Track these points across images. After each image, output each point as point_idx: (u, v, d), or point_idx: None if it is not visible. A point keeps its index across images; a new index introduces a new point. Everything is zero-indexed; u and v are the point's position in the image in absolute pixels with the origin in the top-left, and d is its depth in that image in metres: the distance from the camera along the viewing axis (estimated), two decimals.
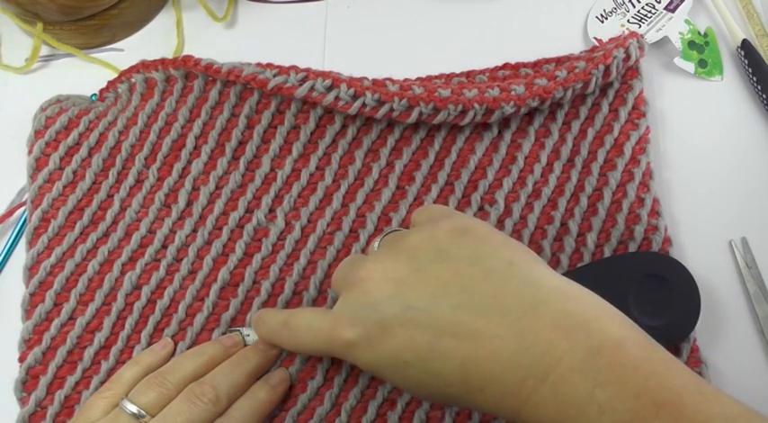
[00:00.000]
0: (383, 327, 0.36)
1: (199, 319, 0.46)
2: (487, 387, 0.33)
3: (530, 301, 0.34)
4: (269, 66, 0.48)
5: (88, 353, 0.45)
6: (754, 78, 0.51)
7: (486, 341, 0.33)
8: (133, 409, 0.40)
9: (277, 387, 0.44)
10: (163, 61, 0.51)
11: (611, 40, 0.52)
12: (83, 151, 0.50)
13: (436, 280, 0.36)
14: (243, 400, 0.42)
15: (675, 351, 0.43)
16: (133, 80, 0.52)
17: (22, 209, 0.50)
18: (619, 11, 0.54)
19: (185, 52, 0.55)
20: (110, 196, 0.49)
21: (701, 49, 0.53)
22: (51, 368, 0.45)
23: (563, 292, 0.35)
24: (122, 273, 0.47)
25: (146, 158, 0.49)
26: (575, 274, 0.45)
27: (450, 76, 0.52)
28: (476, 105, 0.46)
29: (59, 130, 0.50)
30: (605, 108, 0.49)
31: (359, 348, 0.37)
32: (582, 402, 0.31)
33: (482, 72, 0.52)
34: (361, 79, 0.48)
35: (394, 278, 0.37)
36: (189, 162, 0.49)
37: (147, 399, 0.40)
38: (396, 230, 0.42)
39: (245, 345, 0.45)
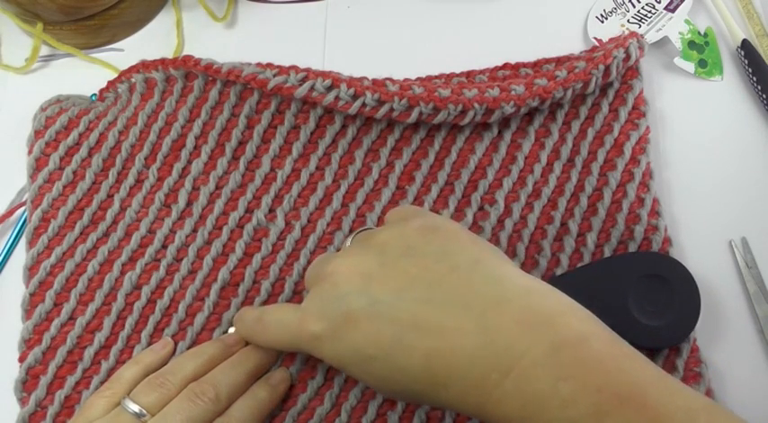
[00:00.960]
0: (348, 320, 0.36)
1: (199, 319, 0.46)
2: (451, 382, 0.34)
3: (494, 297, 0.34)
4: (269, 66, 0.48)
5: (88, 353, 0.45)
6: (754, 78, 0.51)
7: (449, 335, 0.34)
8: (135, 408, 0.40)
9: (277, 387, 0.44)
10: (163, 61, 0.51)
11: (611, 40, 0.52)
12: (83, 151, 0.50)
13: (403, 274, 0.36)
14: (243, 400, 0.42)
15: (676, 351, 0.44)
16: (133, 80, 0.52)
17: (22, 209, 0.50)
18: (619, 11, 0.54)
19: (185, 52, 0.55)
20: (110, 196, 0.49)
21: (701, 49, 0.53)
22: (51, 368, 0.45)
23: (526, 289, 0.35)
24: (122, 273, 0.47)
25: (146, 158, 0.49)
26: (575, 274, 0.45)
27: (450, 76, 0.52)
28: (476, 105, 0.46)
29: (59, 130, 0.50)
30: (605, 108, 0.49)
31: (324, 341, 0.37)
32: (545, 396, 0.31)
33: (482, 72, 0.52)
34: (361, 79, 0.49)
35: (362, 272, 0.37)
36: (189, 162, 0.49)
37: (148, 399, 0.40)
38: (368, 229, 0.43)
39: (246, 344, 0.45)
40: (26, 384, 0.45)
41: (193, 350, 0.44)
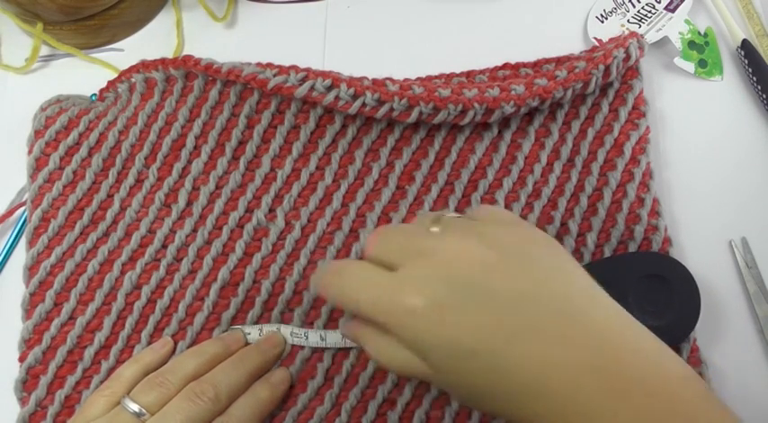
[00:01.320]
0: (458, 304, 0.33)
1: (199, 319, 0.46)
2: (560, 399, 0.31)
3: (616, 325, 0.33)
4: (269, 65, 0.48)
5: (88, 352, 0.45)
6: (754, 78, 0.51)
7: (571, 349, 0.31)
8: (134, 407, 0.40)
9: (278, 386, 0.44)
10: (163, 61, 0.51)
11: (611, 40, 0.52)
12: (83, 151, 0.50)
13: (527, 276, 0.34)
14: (243, 399, 0.42)
15: (676, 351, 0.44)
16: (133, 80, 0.52)
17: (22, 209, 0.50)
18: (619, 11, 0.54)
19: (185, 52, 0.55)
20: (110, 196, 0.49)
21: (701, 49, 0.53)
22: (51, 368, 0.45)
23: (644, 330, 0.33)
24: (122, 272, 0.47)
25: (146, 158, 0.49)
26: None
27: (450, 76, 0.52)
28: (476, 105, 0.46)
29: (59, 130, 0.50)
30: (605, 108, 0.49)
31: (419, 319, 0.33)
32: None
33: (482, 72, 0.52)
34: (361, 79, 0.48)
35: (481, 261, 0.34)
36: (189, 162, 0.49)
37: (147, 398, 0.40)
38: (451, 214, 0.39)
39: (247, 343, 0.45)
40: (26, 384, 0.45)
41: (193, 349, 0.44)
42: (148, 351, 0.45)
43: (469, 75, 0.52)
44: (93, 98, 0.53)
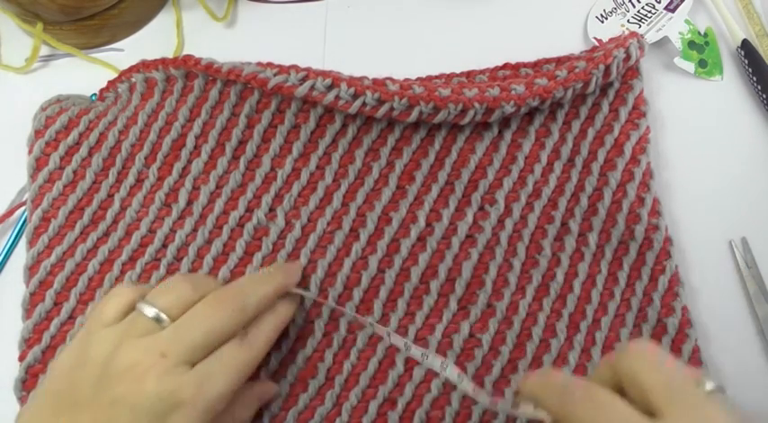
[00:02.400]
0: None
1: None
2: None
3: None
4: (269, 65, 0.48)
5: None
6: (754, 78, 0.51)
7: None
8: (151, 312, 0.38)
9: (292, 307, 0.43)
10: (163, 61, 0.51)
11: (611, 40, 0.52)
12: (83, 151, 0.50)
13: None
14: (266, 317, 0.41)
15: (677, 352, 0.44)
16: (133, 80, 0.52)
17: (23, 208, 0.50)
18: (619, 11, 0.54)
19: (185, 52, 0.55)
20: (110, 196, 0.49)
21: (701, 49, 0.53)
22: None
23: None
24: (122, 272, 0.47)
25: (146, 158, 0.49)
26: None
27: (450, 76, 0.52)
28: (476, 105, 0.46)
29: (59, 130, 0.50)
30: (605, 108, 0.49)
31: None
32: None
33: (482, 72, 0.52)
34: (362, 79, 0.48)
35: None
36: (189, 161, 0.49)
37: (166, 300, 0.38)
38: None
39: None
40: (26, 383, 0.45)
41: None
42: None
43: (470, 75, 0.52)
44: (94, 98, 0.53)
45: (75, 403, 0.36)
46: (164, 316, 0.38)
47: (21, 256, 0.48)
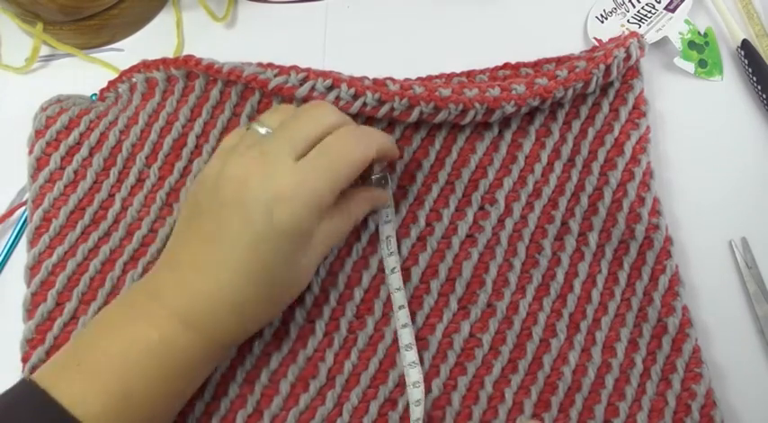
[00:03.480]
0: None
1: None
2: None
3: None
4: (270, 66, 0.48)
5: None
6: (754, 78, 0.51)
7: None
8: (262, 130, 0.42)
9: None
10: (164, 61, 0.51)
11: (611, 40, 0.52)
12: (83, 151, 0.50)
13: None
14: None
15: (677, 352, 0.44)
16: (134, 80, 0.52)
17: (23, 208, 0.50)
18: (619, 11, 0.54)
19: (185, 52, 0.55)
20: (111, 195, 0.49)
21: (701, 49, 0.53)
22: None
23: None
24: (124, 271, 0.47)
25: (147, 158, 0.49)
26: None
27: (450, 76, 0.52)
28: (476, 105, 0.46)
29: (60, 130, 0.50)
30: (606, 107, 0.49)
31: None
32: None
33: (482, 72, 0.52)
34: (362, 79, 0.49)
35: None
36: (190, 161, 0.49)
37: (275, 119, 0.42)
38: None
39: None
40: None
41: None
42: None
43: (470, 75, 0.52)
44: (94, 98, 0.53)
45: (199, 213, 0.41)
46: (272, 130, 0.42)
47: (21, 256, 0.48)
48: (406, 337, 0.44)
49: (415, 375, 0.43)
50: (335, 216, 0.42)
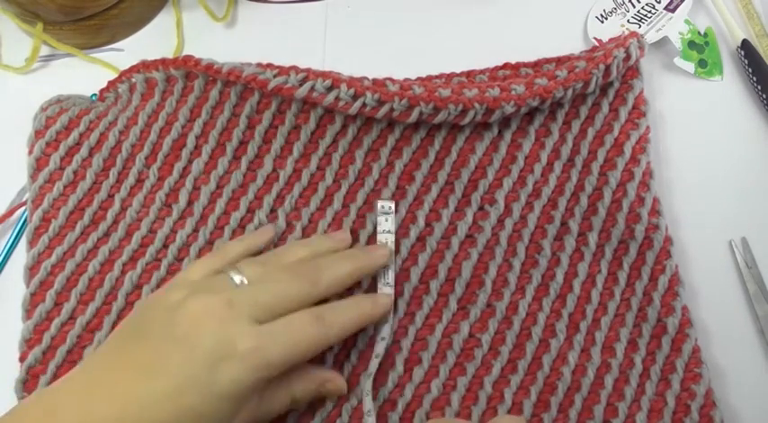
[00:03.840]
0: None
1: None
2: None
3: None
4: (269, 66, 0.48)
5: (88, 352, 0.45)
6: (754, 78, 0.51)
7: None
8: (237, 278, 0.40)
9: (381, 305, 0.43)
10: (163, 61, 0.51)
11: (611, 40, 0.52)
12: (83, 151, 0.50)
13: None
14: (344, 303, 0.42)
15: (677, 352, 0.44)
16: (134, 80, 0.52)
17: (23, 209, 0.50)
18: (619, 11, 0.54)
19: (185, 52, 0.55)
20: (110, 196, 0.49)
21: (701, 49, 0.53)
22: (51, 368, 0.45)
23: None
24: (123, 272, 0.47)
25: (146, 158, 0.49)
26: None
27: (450, 76, 0.52)
28: (476, 105, 0.46)
29: (60, 130, 0.50)
30: (605, 108, 0.49)
31: None
32: None
33: (482, 72, 0.52)
34: (362, 79, 0.49)
35: None
36: (190, 162, 0.49)
37: (250, 271, 0.40)
38: None
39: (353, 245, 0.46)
40: (27, 384, 0.45)
41: (301, 240, 0.45)
42: (253, 235, 0.45)
43: (470, 75, 0.52)
44: (94, 98, 0.53)
45: (142, 336, 0.38)
46: (246, 281, 0.40)
47: (21, 256, 0.48)
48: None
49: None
50: (274, 390, 0.40)
